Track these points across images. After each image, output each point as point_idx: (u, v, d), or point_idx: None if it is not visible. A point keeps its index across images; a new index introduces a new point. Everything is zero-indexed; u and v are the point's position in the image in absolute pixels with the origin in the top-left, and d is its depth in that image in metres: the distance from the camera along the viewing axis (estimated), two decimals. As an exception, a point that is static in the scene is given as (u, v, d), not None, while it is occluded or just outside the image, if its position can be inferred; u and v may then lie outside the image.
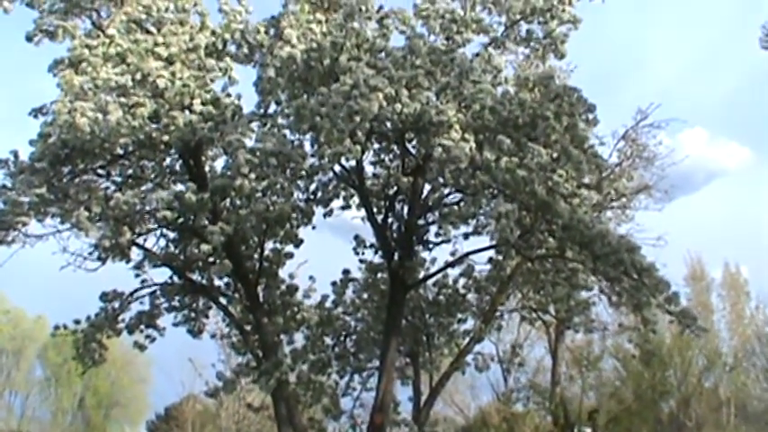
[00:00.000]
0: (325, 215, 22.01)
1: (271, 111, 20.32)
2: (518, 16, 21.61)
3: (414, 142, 20.34)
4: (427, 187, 22.13)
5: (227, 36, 20.89)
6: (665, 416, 53.37)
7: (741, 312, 63.01)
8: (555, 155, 18.82)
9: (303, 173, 20.26)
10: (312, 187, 21.63)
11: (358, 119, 17.20)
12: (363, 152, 18.89)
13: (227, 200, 19.63)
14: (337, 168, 20.91)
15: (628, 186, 31.71)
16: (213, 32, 20.88)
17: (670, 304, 18.54)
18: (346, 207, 22.19)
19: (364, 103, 16.96)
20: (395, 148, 21.58)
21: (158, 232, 21.44)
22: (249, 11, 21.28)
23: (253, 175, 18.20)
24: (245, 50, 20.99)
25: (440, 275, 24.38)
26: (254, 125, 19.98)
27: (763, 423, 60.48)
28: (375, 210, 22.08)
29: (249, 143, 18.82)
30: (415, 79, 18.28)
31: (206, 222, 19.10)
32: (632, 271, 18.35)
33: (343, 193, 22.07)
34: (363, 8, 19.57)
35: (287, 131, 19.44)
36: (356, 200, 22.09)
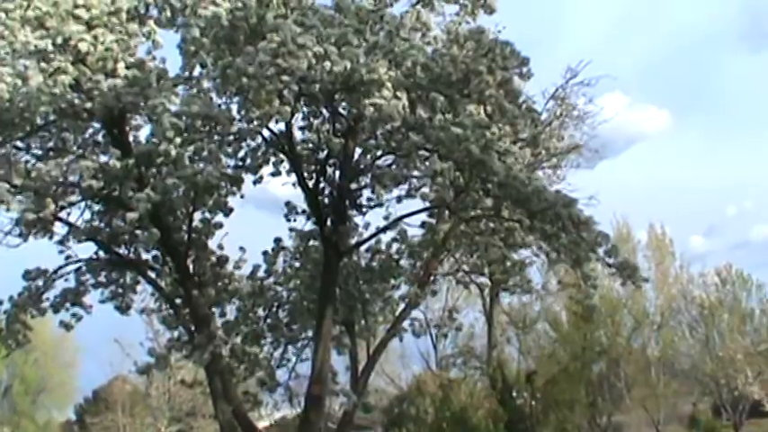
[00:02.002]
0: (254, 182, 21.28)
1: (196, 74, 19.60)
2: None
3: (344, 103, 19.71)
4: (358, 151, 21.56)
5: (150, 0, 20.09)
6: (594, 377, 53.65)
7: (666, 272, 63.70)
8: (489, 111, 18.48)
9: (231, 138, 19.65)
10: (241, 154, 20.94)
11: (287, 78, 16.59)
12: (293, 114, 18.30)
13: (153, 167, 18.80)
14: (266, 134, 20.25)
15: (558, 146, 31.59)
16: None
17: (610, 257, 18.36)
18: (276, 174, 21.47)
19: (293, 61, 16.33)
20: (324, 110, 20.95)
21: (82, 205, 20.54)
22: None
23: (179, 140, 17.53)
24: (168, 14, 20.21)
25: (372, 241, 23.86)
26: (180, 89, 19.26)
27: (692, 379, 61.42)
28: (306, 175, 21.40)
29: (174, 108, 18.06)
30: (344, 37, 17.64)
31: (132, 192, 18.33)
32: (570, 226, 18.12)
33: (272, 159, 21.36)
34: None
35: (213, 95, 18.76)
36: (286, 165, 21.41)
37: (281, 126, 20.13)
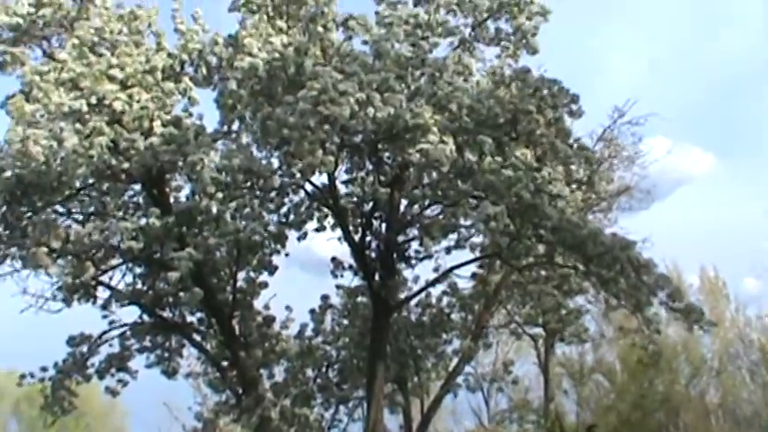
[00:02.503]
0: (299, 238, 20.67)
1: (234, 128, 19.13)
2: (485, 14, 20.58)
3: (388, 153, 19.07)
4: (404, 202, 20.86)
5: (185, 57, 19.65)
6: (653, 426, 52.13)
7: (721, 316, 62.00)
8: (539, 153, 17.76)
9: (273, 193, 19.06)
10: (283, 210, 20.32)
11: (329, 127, 15.95)
12: (336, 165, 17.62)
13: (195, 226, 18.15)
14: (309, 188, 19.63)
15: (608, 189, 30.66)
16: (170, 54, 19.66)
17: (674, 301, 17.43)
18: (321, 229, 20.86)
19: (335, 109, 15.63)
20: (368, 161, 20.29)
21: (124, 268, 20.03)
22: (206, 30, 20.05)
23: (220, 195, 16.95)
24: (204, 71, 19.77)
25: (422, 295, 23.10)
26: (219, 145, 18.77)
27: (756, 426, 59.55)
28: (351, 229, 20.65)
29: (214, 164, 17.52)
30: (386, 83, 16.99)
31: (173, 252, 17.73)
32: (629, 269, 17.23)
33: (316, 214, 20.74)
34: (326, 10, 18.45)
35: (253, 149, 18.22)
36: (330, 220, 20.77)
37: (324, 179, 19.49)
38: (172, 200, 20.32)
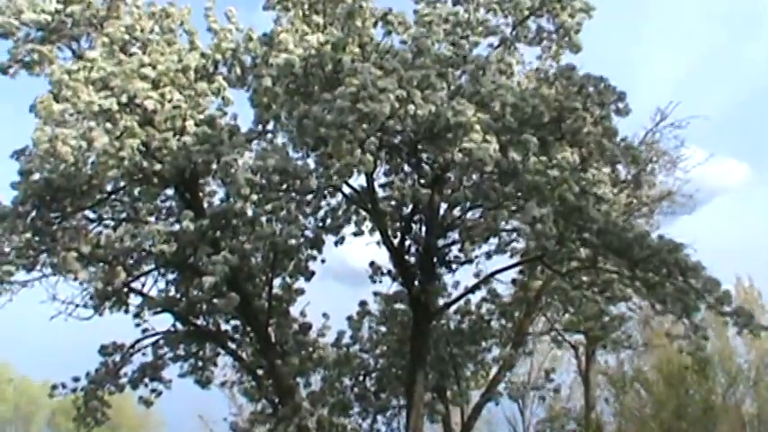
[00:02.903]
0: (336, 243, 19.87)
1: (270, 128, 18.39)
2: (526, 12, 19.75)
3: (428, 153, 18.25)
4: (444, 205, 20.04)
5: (218, 57, 18.95)
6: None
7: (755, 326, 60.79)
8: (585, 152, 16.89)
9: (310, 196, 18.30)
10: (320, 214, 19.54)
11: (367, 125, 15.12)
12: (375, 166, 16.75)
13: (229, 229, 17.36)
14: (347, 191, 18.82)
15: (650, 194, 29.60)
16: (203, 54, 18.96)
17: (722, 304, 16.46)
18: (359, 233, 20.00)
19: (374, 105, 14.72)
20: (407, 163, 19.49)
21: (156, 274, 19.36)
22: (240, 29, 19.37)
23: (255, 197, 16.15)
24: (238, 71, 19.07)
25: (461, 302, 22.23)
26: (253, 145, 18.05)
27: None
28: (390, 233, 19.78)
29: (249, 164, 16.76)
30: (426, 79, 16.08)
31: (207, 257, 16.99)
32: (677, 272, 16.31)
33: (354, 218, 19.93)
34: (364, 5, 17.65)
35: (289, 149, 17.46)
36: (368, 224, 19.95)
37: (362, 181, 18.68)
38: (205, 204, 19.70)
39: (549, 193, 16.12)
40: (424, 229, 19.98)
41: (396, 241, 19.78)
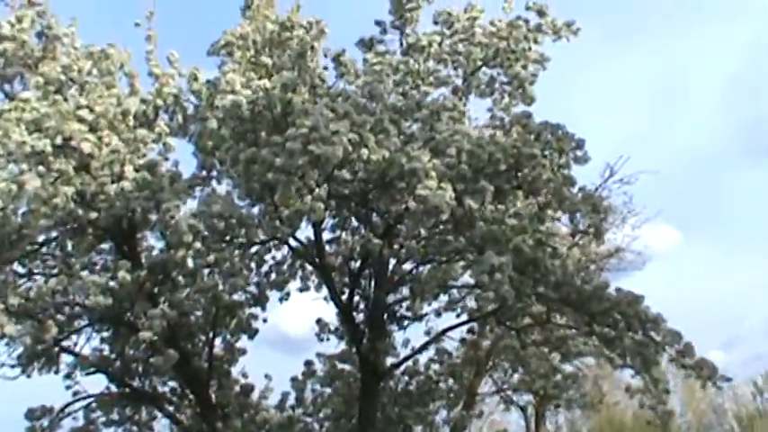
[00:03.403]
0: (281, 299, 18.76)
1: (214, 174, 17.32)
2: (479, 63, 19.06)
3: (380, 203, 17.24)
4: (394, 260, 19.03)
5: (160, 102, 17.84)
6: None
7: (693, 387, 60.49)
8: (542, 201, 16.02)
9: (253, 250, 17.20)
10: (264, 268, 18.45)
11: (319, 169, 14.10)
12: (326, 211, 15.67)
13: (169, 281, 16.14)
14: (293, 243, 17.69)
15: (599, 251, 28.81)
16: (143, 100, 17.87)
17: (684, 357, 15.58)
18: (304, 289, 19.03)
19: (327, 148, 13.73)
20: (354, 217, 18.50)
21: (89, 330, 17.95)
22: (182, 74, 18.30)
23: (198, 245, 14.93)
24: (180, 119, 18.00)
25: (409, 362, 21.10)
26: (196, 192, 16.95)
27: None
28: (338, 288, 18.67)
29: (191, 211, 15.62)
30: (380, 123, 15.18)
31: (144, 313, 15.72)
32: (637, 325, 15.45)
33: (300, 273, 18.87)
34: (316, 45, 16.75)
35: (234, 197, 16.27)
36: (315, 279, 18.99)
37: (310, 233, 17.67)
38: (144, 259, 18.44)
39: (505, 244, 15.22)
40: (373, 284, 18.98)
41: (344, 297, 18.67)
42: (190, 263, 15.27)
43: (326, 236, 18.70)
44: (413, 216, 15.36)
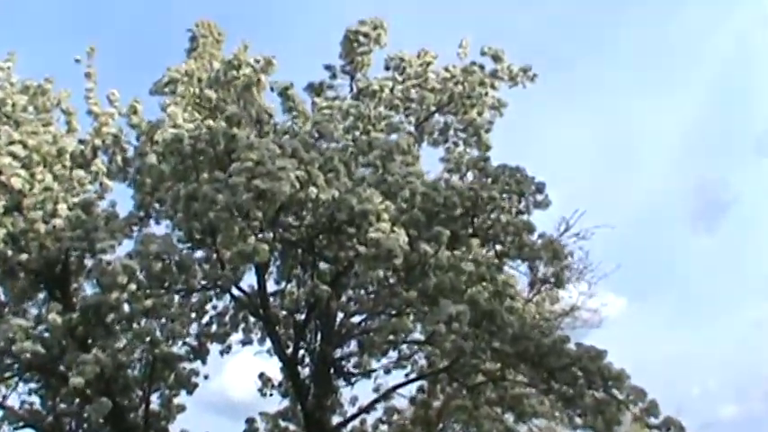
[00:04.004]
0: (221, 352, 17.65)
1: (153, 214, 16.07)
2: (432, 108, 18.24)
3: (327, 251, 16.17)
4: (341, 314, 17.93)
5: (98, 142, 16.74)
6: None
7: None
8: (500, 248, 15.10)
9: (194, 298, 16.06)
10: (205, 319, 17.28)
11: (265, 206, 13.02)
12: (270, 258, 14.60)
13: (103, 325, 14.76)
14: (235, 292, 16.56)
15: (554, 309, 27.71)
16: (81, 141, 16.78)
17: (649, 415, 14.55)
18: (247, 342, 17.85)
19: (273, 183, 12.77)
20: (299, 266, 17.42)
21: (17, 380, 16.57)
22: (122, 113, 17.21)
23: (134, 287, 13.71)
24: (119, 160, 16.86)
25: (356, 421, 19.90)
26: (134, 232, 15.70)
27: None
28: (282, 341, 17.50)
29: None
30: (330, 162, 14.26)
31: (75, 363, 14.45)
32: (599, 382, 14.46)
33: (242, 325, 17.70)
34: (263, 79, 15.78)
35: (174, 239, 15.09)
36: (258, 332, 17.82)
37: (253, 281, 16.52)
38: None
39: (461, 294, 14.23)
40: (319, 337, 17.82)
41: (288, 351, 17.49)
42: (126, 307, 14.04)
43: (271, 286, 17.63)
44: (364, 261, 14.23)
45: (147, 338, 14.46)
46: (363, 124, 17.44)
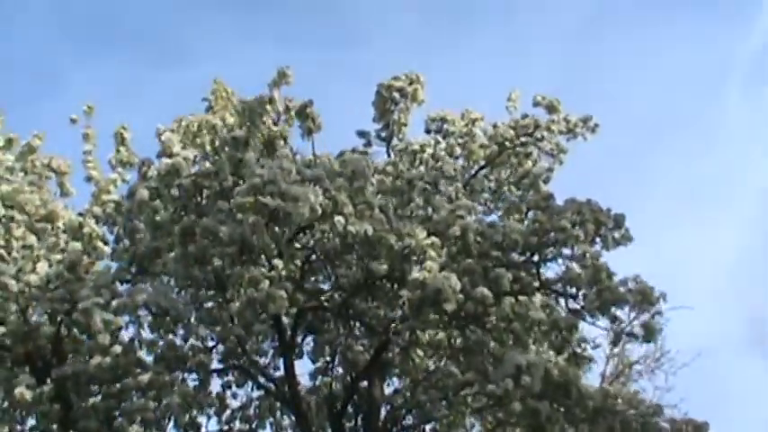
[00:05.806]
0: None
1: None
2: (482, 162, 15.23)
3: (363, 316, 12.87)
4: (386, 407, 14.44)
5: (97, 210, 13.78)
6: None
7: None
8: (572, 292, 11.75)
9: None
10: (225, 415, 13.85)
11: (279, 230, 9.92)
12: (292, 302, 11.24)
13: (85, 401, 11.46)
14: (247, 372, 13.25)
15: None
16: (80, 214, 13.84)
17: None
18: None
19: (288, 203, 9.74)
20: (328, 349, 14.11)
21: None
22: (126, 180, 14.32)
23: (119, 349, 10.49)
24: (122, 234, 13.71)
25: None
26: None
27: None
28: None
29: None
30: (361, 193, 11.20)
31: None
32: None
33: (270, 419, 14.24)
34: (276, 94, 12.79)
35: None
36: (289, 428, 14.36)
37: (281, 367, 13.20)
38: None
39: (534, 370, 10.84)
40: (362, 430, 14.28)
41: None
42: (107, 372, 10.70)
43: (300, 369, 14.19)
44: (409, 306, 10.95)
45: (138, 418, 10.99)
46: (402, 183, 14.28)
